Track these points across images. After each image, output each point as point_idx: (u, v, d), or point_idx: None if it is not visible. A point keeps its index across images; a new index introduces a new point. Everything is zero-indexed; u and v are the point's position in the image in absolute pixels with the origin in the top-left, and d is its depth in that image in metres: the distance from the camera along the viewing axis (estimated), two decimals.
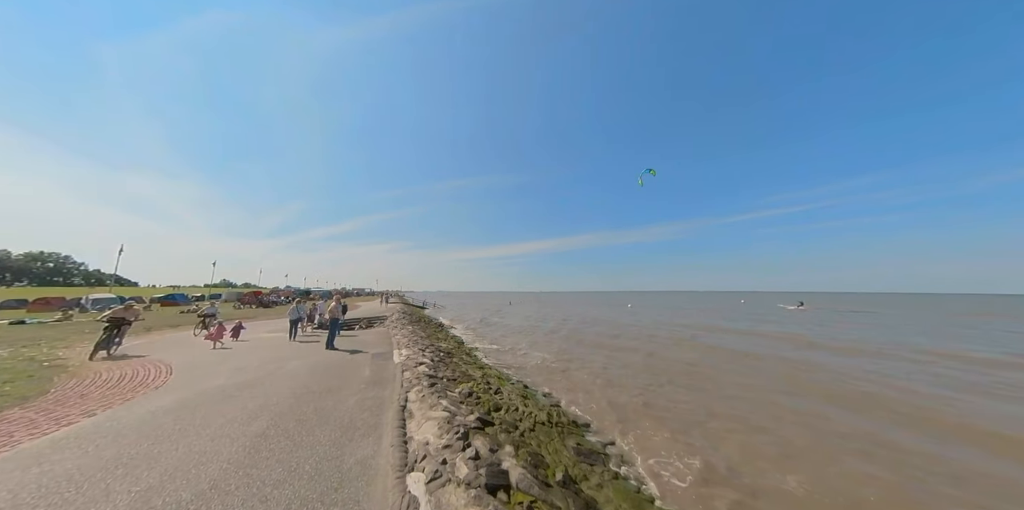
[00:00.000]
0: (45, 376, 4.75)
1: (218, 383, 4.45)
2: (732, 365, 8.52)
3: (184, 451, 2.57)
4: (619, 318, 21.75)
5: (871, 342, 11.80)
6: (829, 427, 4.72)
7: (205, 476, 2.25)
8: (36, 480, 2.19)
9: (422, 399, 3.77)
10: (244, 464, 2.40)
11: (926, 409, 5.38)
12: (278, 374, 4.96)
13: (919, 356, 9.43)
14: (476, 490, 2.12)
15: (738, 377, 7.35)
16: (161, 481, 2.19)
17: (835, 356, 9.51)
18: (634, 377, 7.35)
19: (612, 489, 2.79)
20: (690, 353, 10.10)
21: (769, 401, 5.80)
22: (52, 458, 2.47)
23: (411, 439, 2.86)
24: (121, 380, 4.62)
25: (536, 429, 3.81)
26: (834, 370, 7.86)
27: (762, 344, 11.60)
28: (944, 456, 3.89)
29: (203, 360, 5.94)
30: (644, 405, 5.54)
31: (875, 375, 7.49)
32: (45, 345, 7.20)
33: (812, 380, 7.07)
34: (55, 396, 3.94)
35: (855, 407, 5.49)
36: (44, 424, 3.12)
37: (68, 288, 61.17)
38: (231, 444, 2.69)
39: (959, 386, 6.70)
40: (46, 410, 3.48)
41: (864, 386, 6.62)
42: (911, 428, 4.72)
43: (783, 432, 4.50)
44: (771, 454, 3.93)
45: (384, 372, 5.25)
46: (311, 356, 6.33)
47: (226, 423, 3.12)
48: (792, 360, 8.90)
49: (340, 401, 3.77)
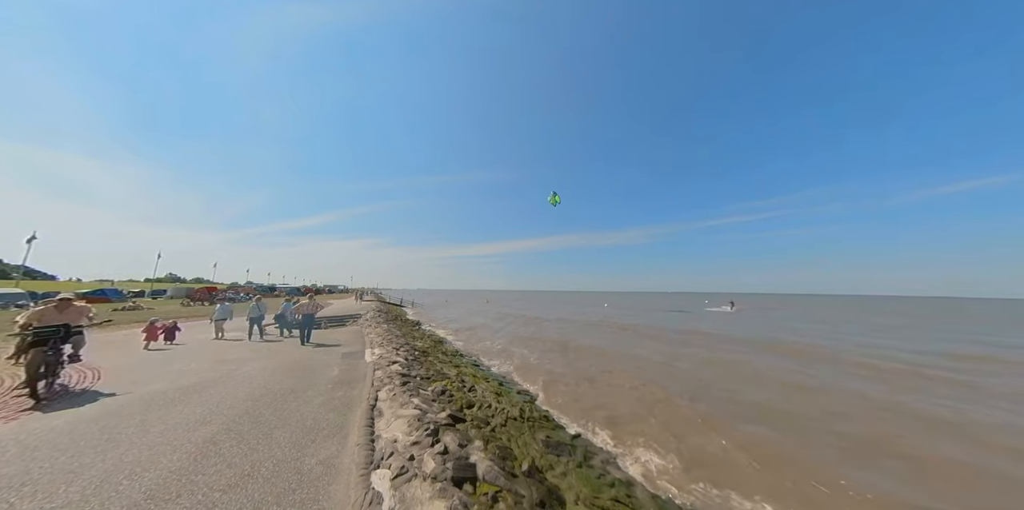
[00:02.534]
0: None
1: (158, 387, 4.02)
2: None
3: (113, 462, 2.32)
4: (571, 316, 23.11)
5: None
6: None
7: (139, 487, 2.06)
8: None
9: (393, 398, 3.72)
10: (188, 471, 2.23)
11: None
12: (233, 376, 4.60)
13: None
14: (442, 483, 2.16)
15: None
16: (83, 495, 1.97)
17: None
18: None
19: (575, 476, 2.95)
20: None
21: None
22: None
23: (379, 437, 2.83)
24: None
25: (508, 424, 3.90)
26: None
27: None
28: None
29: (141, 363, 5.34)
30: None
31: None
32: None
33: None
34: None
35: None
36: None
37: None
38: (173, 452, 2.47)
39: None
40: None
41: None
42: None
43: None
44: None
45: (354, 371, 5.07)
46: (273, 357, 5.92)
47: (167, 430, 2.85)
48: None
49: (304, 403, 3.60)
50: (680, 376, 7.23)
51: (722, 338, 12.52)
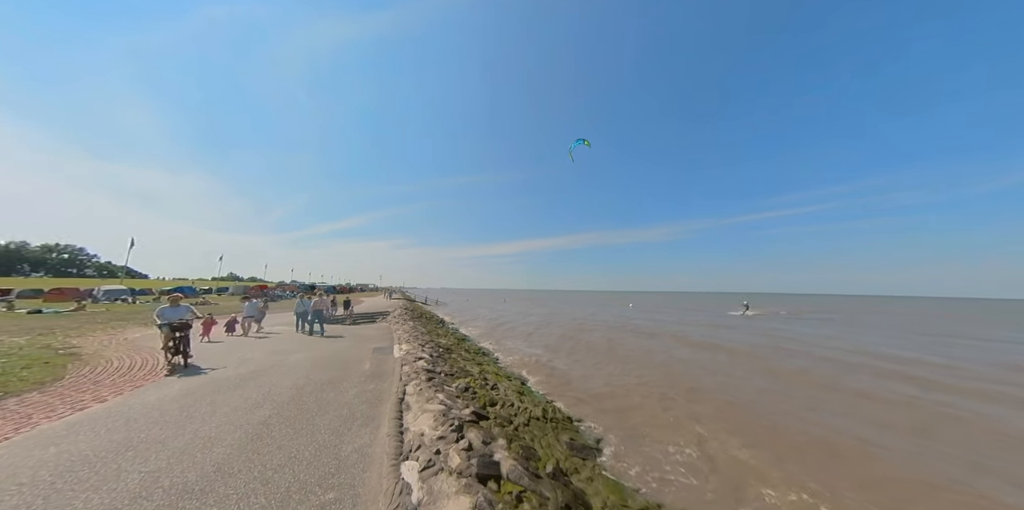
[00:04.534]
0: (60, 363, 4.94)
1: (223, 374, 4.60)
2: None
3: (190, 436, 2.69)
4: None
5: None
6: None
7: (210, 460, 2.35)
8: (53, 459, 2.32)
9: (419, 392, 3.87)
10: (247, 449, 2.50)
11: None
12: (281, 366, 5.10)
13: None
14: (467, 479, 2.19)
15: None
16: (169, 463, 2.30)
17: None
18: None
19: (601, 482, 2.86)
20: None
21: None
22: (67, 439, 2.61)
23: (407, 430, 2.95)
24: (131, 369, 4.79)
25: (531, 424, 3.88)
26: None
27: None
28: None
29: (209, 351, 6.12)
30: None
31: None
32: (60, 334, 7.46)
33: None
34: (70, 382, 4.11)
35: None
36: (60, 408, 3.27)
37: (82, 279, 62.80)
38: (235, 431, 2.80)
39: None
40: (62, 395, 3.65)
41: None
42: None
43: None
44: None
45: (384, 366, 5.36)
46: (314, 349, 6.47)
47: (230, 411, 3.24)
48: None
49: (340, 393, 3.88)
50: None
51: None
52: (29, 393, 3.65)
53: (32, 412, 3.15)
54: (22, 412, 3.14)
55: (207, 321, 7.28)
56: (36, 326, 8.53)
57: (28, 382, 4.00)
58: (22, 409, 3.21)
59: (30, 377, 4.20)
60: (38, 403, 3.38)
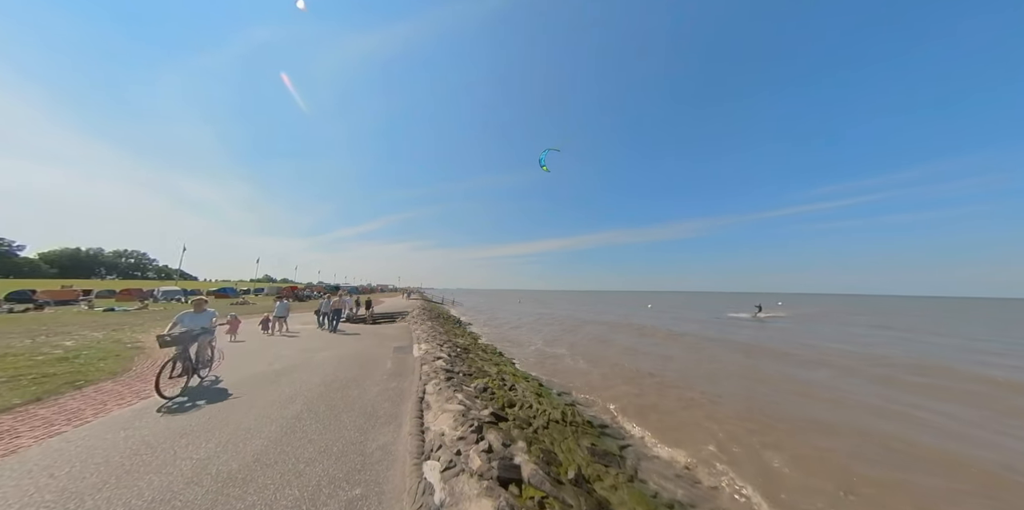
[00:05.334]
0: (128, 356, 5.58)
1: (260, 369, 4.95)
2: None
3: (234, 427, 2.90)
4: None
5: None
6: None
7: (250, 450, 2.53)
8: (123, 442, 2.61)
9: (439, 392, 3.92)
10: (281, 442, 2.66)
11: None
12: (310, 363, 5.40)
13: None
14: (488, 482, 2.18)
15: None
16: (216, 451, 2.50)
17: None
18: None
19: (627, 491, 2.74)
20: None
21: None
22: (134, 425, 2.93)
23: (428, 429, 3.00)
24: None
25: (550, 427, 3.81)
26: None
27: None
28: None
29: (247, 348, 6.62)
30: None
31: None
32: (128, 330, 8.44)
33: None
34: (135, 373, 4.63)
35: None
36: (128, 396, 3.68)
37: (144, 281, 70.92)
38: (270, 424, 2.99)
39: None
40: (129, 384, 4.12)
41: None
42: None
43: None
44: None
45: (404, 365, 5.52)
46: (340, 347, 6.81)
47: (267, 405, 3.47)
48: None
49: (364, 391, 4.03)
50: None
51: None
52: (104, 382, 4.15)
53: (107, 399, 3.57)
54: (99, 399, 3.57)
55: (233, 321, 7.70)
56: (110, 322, 9.72)
57: (104, 372, 4.56)
58: (99, 396, 3.66)
59: (105, 368, 4.78)
60: (111, 391, 3.84)
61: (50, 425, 2.90)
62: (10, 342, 6.26)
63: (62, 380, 4.08)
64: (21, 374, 4.23)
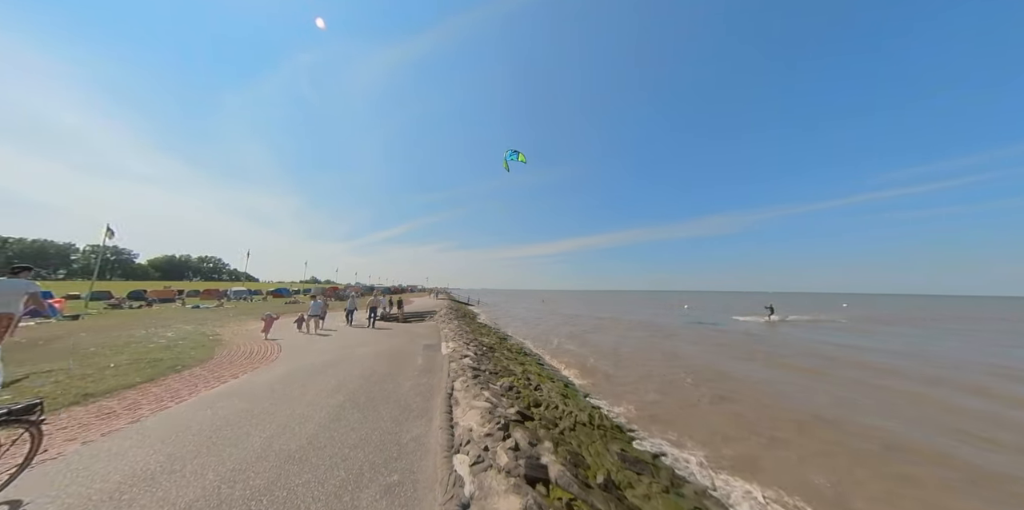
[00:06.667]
0: (211, 346, 6.64)
1: (310, 361, 5.54)
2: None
3: (290, 412, 3.30)
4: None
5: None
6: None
7: (304, 433, 2.85)
8: (209, 419, 3.10)
9: (466, 389, 4.07)
10: (329, 428, 2.96)
11: None
12: (351, 358, 5.91)
13: None
14: (516, 479, 2.22)
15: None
16: (277, 432, 2.86)
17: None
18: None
19: (662, 502, 2.60)
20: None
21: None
22: (217, 404, 3.47)
23: (457, 424, 3.13)
24: (254, 354, 6.12)
25: (576, 429, 3.75)
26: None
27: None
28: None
29: (298, 342, 7.44)
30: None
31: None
32: (210, 324, 10.00)
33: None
34: (216, 361, 5.48)
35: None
36: (211, 380, 4.38)
37: (220, 283, 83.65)
38: (319, 411, 3.35)
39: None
40: (212, 370, 4.90)
41: None
42: None
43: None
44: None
45: (433, 362, 5.80)
46: (376, 344, 7.36)
47: (315, 394, 3.87)
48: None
49: (398, 385, 4.32)
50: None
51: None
52: (195, 368, 5.00)
53: (197, 382, 4.29)
54: (191, 381, 4.31)
55: (267, 319, 8.02)
56: (197, 317, 11.65)
57: (195, 359, 5.50)
58: (191, 379, 4.41)
59: (196, 355, 5.76)
60: (200, 375, 4.60)
61: (160, 401, 3.58)
62: (132, 332, 7.83)
63: (166, 365, 5.02)
64: (140, 358, 5.32)
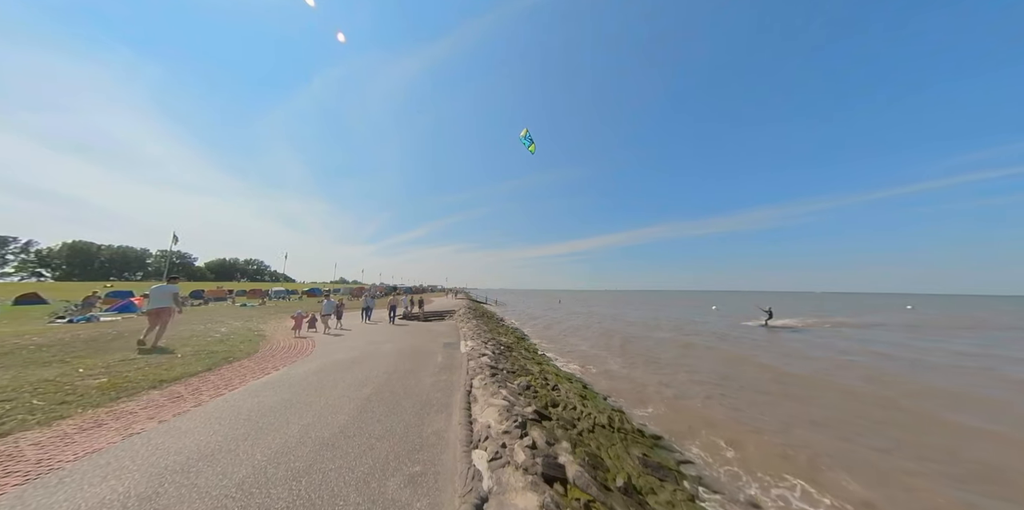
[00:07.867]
0: (256, 341, 7.34)
1: (340, 357, 5.93)
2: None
3: (323, 403, 3.57)
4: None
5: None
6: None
7: (336, 423, 3.08)
8: (256, 407, 3.44)
9: (484, 386, 4.15)
10: (357, 419, 3.17)
11: None
12: (376, 354, 6.25)
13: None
14: (533, 477, 2.24)
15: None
16: (313, 421, 3.12)
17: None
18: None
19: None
20: None
21: None
22: (262, 393, 3.83)
23: (475, 420, 3.21)
24: (291, 348, 6.69)
25: (595, 431, 3.70)
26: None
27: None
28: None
29: (328, 339, 7.99)
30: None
31: None
32: (255, 321, 11.00)
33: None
34: (260, 354, 6.04)
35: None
36: (256, 372, 4.84)
37: (263, 283, 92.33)
38: (349, 403, 3.59)
39: None
40: (258, 362, 5.42)
41: None
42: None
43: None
44: None
45: (453, 359, 5.97)
46: (399, 342, 7.71)
47: (346, 387, 4.16)
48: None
49: (419, 381, 4.51)
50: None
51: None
52: (244, 360, 5.56)
53: (245, 373, 4.77)
54: (241, 372, 4.80)
55: (298, 317, 8.22)
56: (244, 315, 12.88)
57: (243, 352, 6.11)
58: (240, 370, 4.91)
59: (245, 349, 6.39)
60: (247, 367, 5.11)
61: (217, 388, 4.03)
62: (193, 327, 8.83)
63: (220, 357, 5.62)
64: (200, 350, 6.00)
